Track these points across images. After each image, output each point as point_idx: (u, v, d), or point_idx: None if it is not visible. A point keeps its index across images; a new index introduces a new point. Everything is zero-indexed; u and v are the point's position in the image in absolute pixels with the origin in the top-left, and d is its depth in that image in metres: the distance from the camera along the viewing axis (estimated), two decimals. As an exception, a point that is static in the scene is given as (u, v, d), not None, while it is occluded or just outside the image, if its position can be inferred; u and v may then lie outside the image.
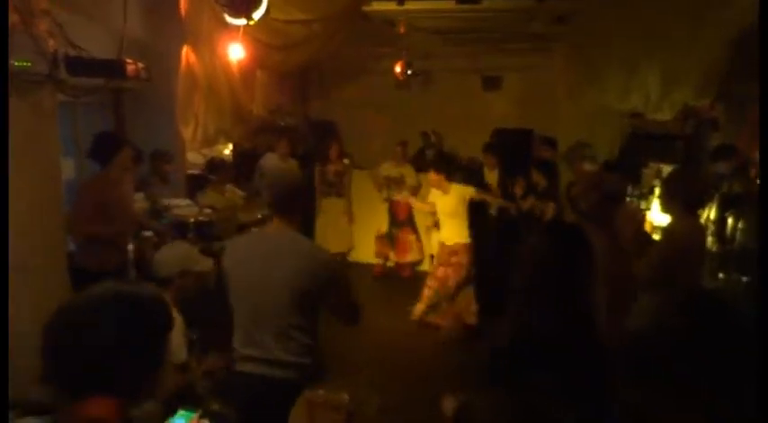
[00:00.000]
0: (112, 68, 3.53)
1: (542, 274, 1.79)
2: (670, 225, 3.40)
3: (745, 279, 3.65)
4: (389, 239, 7.02)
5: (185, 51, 4.75)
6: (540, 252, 1.85)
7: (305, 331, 2.40)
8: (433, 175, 5.39)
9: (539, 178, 5.56)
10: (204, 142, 5.61)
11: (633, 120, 6.25)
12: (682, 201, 3.19)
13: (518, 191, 5.75)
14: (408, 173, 6.90)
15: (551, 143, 6.30)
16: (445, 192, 5.41)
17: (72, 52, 3.32)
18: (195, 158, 6.77)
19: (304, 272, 2.33)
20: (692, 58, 4.38)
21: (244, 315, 2.43)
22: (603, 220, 3.11)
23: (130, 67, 3.56)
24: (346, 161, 7.19)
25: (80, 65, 3.27)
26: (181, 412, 2.10)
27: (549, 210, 5.18)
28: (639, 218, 4.67)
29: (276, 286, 2.33)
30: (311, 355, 2.43)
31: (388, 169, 6.91)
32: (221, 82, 5.16)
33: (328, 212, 7.15)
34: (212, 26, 4.80)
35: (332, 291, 2.42)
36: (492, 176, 6.44)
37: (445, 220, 5.52)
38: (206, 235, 4.76)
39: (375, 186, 6.99)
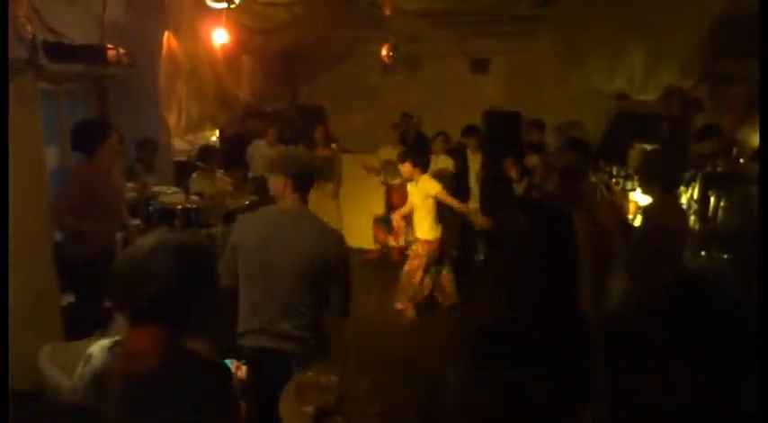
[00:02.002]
0: (93, 54, 3.51)
1: (521, 258, 1.70)
2: (650, 206, 3.47)
3: (726, 257, 3.70)
4: (386, 224, 6.98)
5: (167, 36, 4.71)
6: (518, 233, 1.74)
7: (313, 308, 2.50)
8: (406, 167, 5.22)
9: (533, 160, 5.47)
10: (189, 128, 5.58)
11: (619, 101, 6.27)
12: (660, 182, 3.25)
13: (509, 171, 5.74)
14: None
15: (539, 125, 6.32)
16: (416, 182, 5.28)
17: (51, 38, 3.27)
18: (182, 145, 6.78)
19: (320, 250, 2.45)
20: (676, 38, 4.40)
21: (255, 290, 2.49)
22: (571, 199, 3.17)
23: (111, 53, 3.54)
24: (334, 146, 7.12)
25: (60, 50, 3.24)
26: None
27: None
28: (621, 207, 4.74)
29: (293, 264, 2.44)
30: (318, 330, 2.54)
31: (386, 153, 6.83)
32: (204, 67, 5.12)
33: (316, 197, 7.03)
34: (194, 11, 4.76)
35: (336, 272, 2.51)
36: (475, 159, 6.43)
37: (415, 211, 5.41)
38: (193, 222, 4.73)
39: (368, 170, 6.85)
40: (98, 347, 1.47)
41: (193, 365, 1.42)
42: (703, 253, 3.90)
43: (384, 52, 7.72)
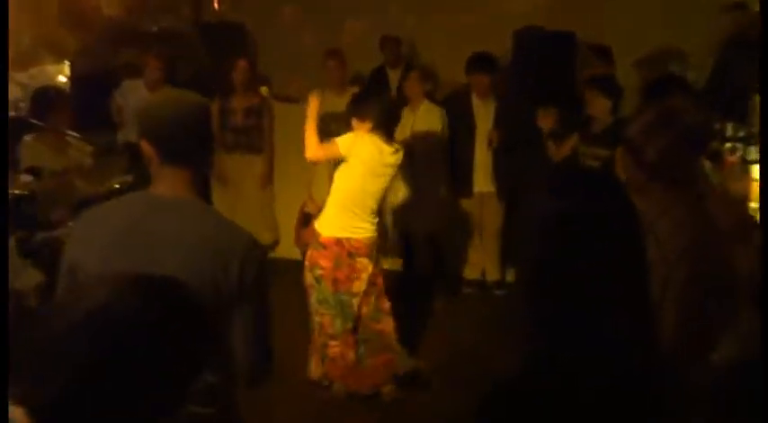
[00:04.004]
0: None
1: (556, 267, 1.68)
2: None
3: None
4: None
5: None
6: (550, 227, 1.71)
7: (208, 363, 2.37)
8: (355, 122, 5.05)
9: (599, 104, 5.43)
10: (17, 62, 5.62)
11: (732, 15, 6.26)
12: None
13: (545, 124, 5.81)
14: None
15: (604, 53, 6.44)
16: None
17: None
18: (11, 91, 6.62)
19: (209, 267, 2.32)
20: None
21: None
22: (680, 178, 3.07)
23: None
24: (264, 90, 7.12)
25: None
26: None
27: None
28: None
29: None
30: (222, 400, 2.44)
31: (326, 101, 6.56)
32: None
33: (235, 180, 7.14)
34: None
35: (239, 304, 2.37)
36: (484, 110, 6.50)
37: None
38: (23, 219, 4.61)
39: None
40: (20, 413, 1.46)
41: None
42: None
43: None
